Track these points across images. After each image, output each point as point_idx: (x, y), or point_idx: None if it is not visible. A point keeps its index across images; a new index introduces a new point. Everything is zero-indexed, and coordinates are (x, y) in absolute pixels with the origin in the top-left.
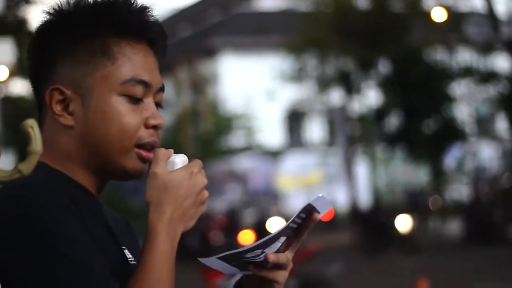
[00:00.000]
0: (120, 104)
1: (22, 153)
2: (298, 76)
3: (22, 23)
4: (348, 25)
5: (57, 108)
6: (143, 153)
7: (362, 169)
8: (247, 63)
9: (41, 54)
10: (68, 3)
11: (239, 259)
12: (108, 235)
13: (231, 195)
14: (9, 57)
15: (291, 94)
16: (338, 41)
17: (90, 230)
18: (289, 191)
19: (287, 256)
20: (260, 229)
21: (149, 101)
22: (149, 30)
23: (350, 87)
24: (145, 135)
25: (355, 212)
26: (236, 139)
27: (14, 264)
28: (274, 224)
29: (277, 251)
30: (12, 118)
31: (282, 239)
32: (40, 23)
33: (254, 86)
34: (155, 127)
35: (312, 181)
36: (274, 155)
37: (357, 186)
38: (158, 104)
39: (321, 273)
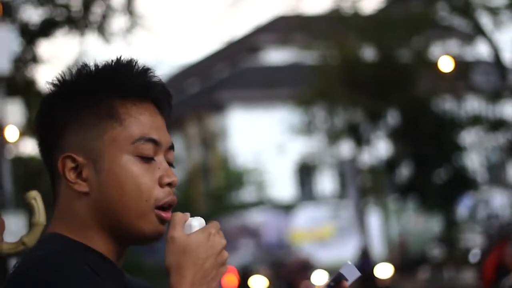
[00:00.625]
0: (133, 165)
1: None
2: (307, 129)
3: (30, 83)
4: (356, 77)
5: (71, 176)
6: (163, 214)
7: (374, 220)
8: (256, 117)
9: (47, 123)
10: (70, 73)
11: None
12: None
13: (244, 250)
14: (19, 118)
15: (301, 147)
16: (346, 93)
17: None
18: (302, 245)
19: None
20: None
21: (160, 159)
22: (152, 90)
23: (360, 138)
24: (162, 195)
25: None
26: (247, 194)
27: None
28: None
29: None
30: (23, 178)
31: None
32: (45, 95)
33: (263, 140)
34: (169, 184)
35: (325, 234)
36: (285, 208)
37: (369, 238)
38: (169, 163)
39: None
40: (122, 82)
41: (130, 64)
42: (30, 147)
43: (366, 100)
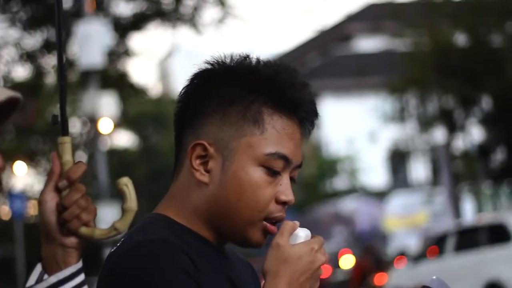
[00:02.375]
0: (258, 175)
1: None
2: (399, 116)
3: (123, 76)
4: (448, 63)
5: (196, 162)
6: (269, 226)
7: (468, 207)
8: (348, 105)
9: (196, 102)
10: (231, 58)
11: None
12: (226, 286)
13: (338, 238)
14: (113, 110)
15: (393, 134)
16: (438, 80)
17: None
18: (396, 232)
19: None
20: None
21: (285, 176)
22: (305, 108)
23: (453, 124)
24: (274, 209)
25: None
26: (340, 182)
27: None
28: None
29: None
30: (117, 169)
31: None
32: (201, 70)
33: (356, 128)
34: (285, 203)
35: (418, 220)
36: (378, 196)
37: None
38: (291, 179)
39: None
40: (279, 93)
41: (292, 74)
42: (123, 139)
43: (458, 86)
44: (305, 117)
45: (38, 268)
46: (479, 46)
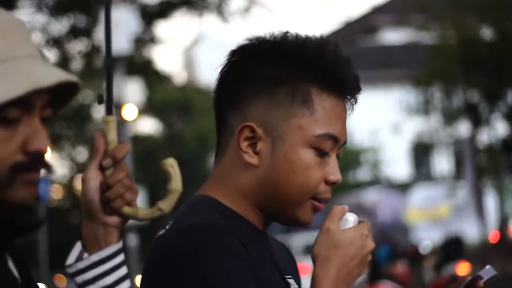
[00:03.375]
0: (309, 156)
1: (152, 191)
2: (424, 109)
3: (148, 63)
4: (474, 57)
5: (244, 144)
6: (318, 204)
7: (491, 201)
8: (373, 97)
9: (239, 81)
10: (272, 35)
11: None
12: (275, 270)
13: None
14: (138, 97)
15: (417, 126)
16: (463, 73)
17: (257, 272)
18: (417, 224)
19: None
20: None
21: (333, 156)
22: (351, 85)
23: (477, 118)
24: (323, 190)
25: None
26: (363, 173)
27: None
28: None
29: None
30: (142, 156)
31: None
32: (242, 46)
33: (380, 120)
34: (333, 183)
35: (441, 213)
36: (401, 188)
37: (486, 218)
38: (337, 156)
39: None
40: (327, 71)
41: (337, 51)
42: (148, 125)
43: (483, 80)
44: (351, 93)
45: (78, 246)
46: (505, 40)
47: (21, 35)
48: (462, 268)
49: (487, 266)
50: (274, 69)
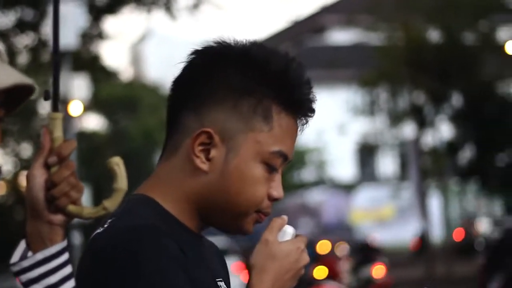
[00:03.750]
0: (259, 171)
1: (97, 188)
2: (370, 110)
3: (95, 58)
4: (420, 59)
5: (198, 149)
6: (262, 216)
7: (435, 203)
8: (319, 97)
9: (202, 83)
10: (240, 42)
11: None
12: (208, 273)
13: (304, 229)
14: (84, 93)
15: (362, 127)
16: (410, 75)
17: (192, 274)
18: (362, 225)
19: None
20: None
21: (279, 173)
22: (307, 107)
23: (423, 120)
24: (266, 205)
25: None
26: (308, 173)
27: None
28: None
29: None
30: (87, 153)
31: None
32: (210, 48)
33: (325, 120)
34: (275, 199)
35: (385, 214)
36: (346, 188)
37: (430, 220)
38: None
39: None
40: (289, 91)
41: (300, 71)
42: (93, 122)
43: (430, 82)
44: (306, 115)
45: (22, 245)
46: (452, 43)
47: None
48: (377, 271)
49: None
50: (242, 79)
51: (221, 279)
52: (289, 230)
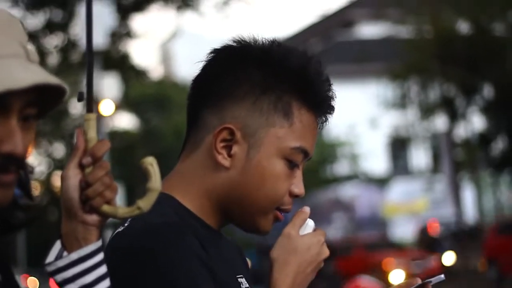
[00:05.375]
0: (281, 167)
1: (129, 187)
2: (401, 103)
3: (125, 57)
4: (450, 51)
5: (220, 145)
6: (280, 215)
7: (468, 195)
8: (350, 91)
9: (224, 80)
10: (260, 40)
11: None
12: (229, 270)
13: (337, 224)
14: (115, 92)
15: (394, 120)
16: (440, 67)
17: (214, 272)
18: (395, 218)
19: None
20: None
21: (300, 169)
22: (328, 104)
23: (454, 112)
24: (287, 201)
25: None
26: (340, 167)
27: None
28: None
29: None
30: (118, 152)
31: None
32: (230, 47)
33: (357, 114)
34: (296, 196)
35: (418, 207)
36: (379, 182)
37: (464, 212)
38: None
39: None
40: (310, 88)
41: (319, 69)
42: (124, 121)
43: (460, 74)
44: (326, 112)
45: (57, 245)
46: (481, 34)
47: (7, 34)
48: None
49: (441, 275)
50: (262, 76)
51: (241, 275)
52: (310, 223)
